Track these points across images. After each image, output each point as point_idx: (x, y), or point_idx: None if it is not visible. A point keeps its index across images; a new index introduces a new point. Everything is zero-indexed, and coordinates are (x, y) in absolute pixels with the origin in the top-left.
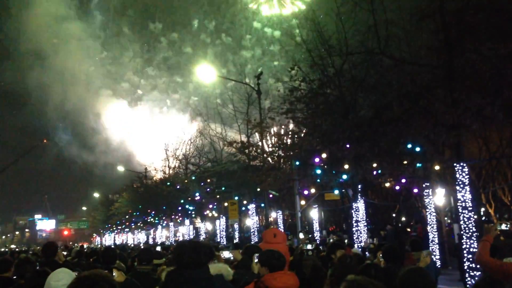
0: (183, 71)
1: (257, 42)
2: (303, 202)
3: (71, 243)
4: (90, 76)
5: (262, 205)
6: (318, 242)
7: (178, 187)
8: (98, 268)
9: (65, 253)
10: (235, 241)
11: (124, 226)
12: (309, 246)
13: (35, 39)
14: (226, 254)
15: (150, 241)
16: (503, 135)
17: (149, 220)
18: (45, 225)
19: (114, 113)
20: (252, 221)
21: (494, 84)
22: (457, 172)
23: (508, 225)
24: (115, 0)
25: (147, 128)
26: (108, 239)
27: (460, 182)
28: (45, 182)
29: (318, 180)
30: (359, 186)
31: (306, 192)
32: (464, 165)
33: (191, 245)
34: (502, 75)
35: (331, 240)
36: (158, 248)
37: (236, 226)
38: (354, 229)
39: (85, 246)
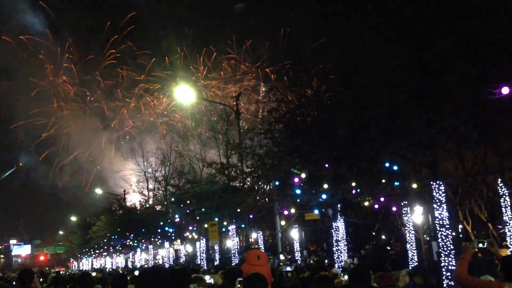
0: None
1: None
2: (283, 222)
3: (47, 268)
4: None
5: (243, 225)
6: (299, 263)
7: (157, 209)
8: None
9: (41, 279)
10: (215, 263)
11: (102, 250)
12: (288, 268)
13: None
14: (206, 278)
15: (129, 265)
16: (478, 153)
17: (128, 243)
18: (21, 250)
19: (85, 133)
20: (232, 242)
21: (467, 105)
22: (434, 190)
23: (486, 243)
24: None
25: (123, 148)
26: (86, 264)
27: (437, 200)
28: (20, 206)
29: (298, 200)
30: (339, 206)
31: (286, 212)
32: (441, 183)
33: (151, 272)
34: (474, 96)
35: (311, 261)
36: (136, 273)
37: (216, 247)
38: (334, 248)
39: (61, 271)
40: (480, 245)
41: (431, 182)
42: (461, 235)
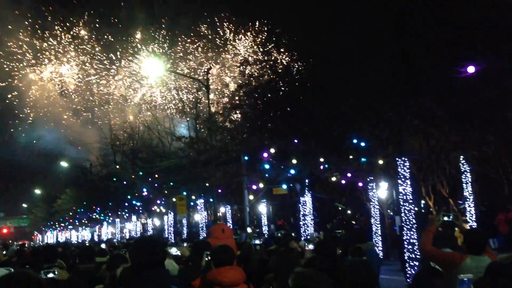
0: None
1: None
2: (251, 197)
3: (10, 241)
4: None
5: (211, 200)
6: (266, 237)
7: (125, 182)
8: (38, 267)
9: (4, 252)
10: (183, 237)
11: (67, 223)
12: (257, 241)
13: None
14: (173, 251)
15: (96, 238)
16: (442, 131)
17: (94, 217)
18: None
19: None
20: (200, 216)
21: (435, 84)
22: (399, 166)
23: (451, 216)
24: None
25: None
26: (51, 237)
27: (401, 176)
28: None
29: (267, 175)
30: (307, 181)
31: (254, 187)
32: (406, 159)
33: (149, 242)
34: (441, 75)
35: (279, 235)
36: (103, 246)
37: (184, 221)
38: (301, 222)
39: (26, 244)
40: (446, 218)
41: (397, 159)
42: (423, 210)
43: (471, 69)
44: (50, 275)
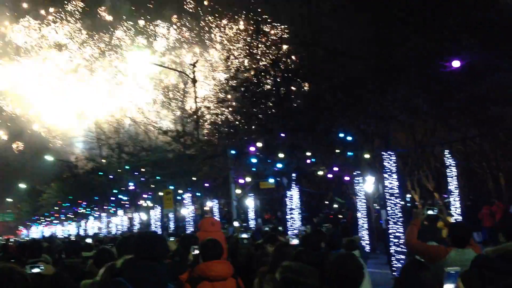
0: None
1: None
2: (238, 191)
3: None
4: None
5: (198, 194)
6: (253, 231)
7: (111, 176)
8: (24, 262)
9: None
10: (170, 231)
11: (53, 218)
12: (244, 235)
13: None
14: None
15: (82, 233)
16: (428, 125)
17: (80, 211)
18: None
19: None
20: (187, 211)
21: (420, 78)
22: (385, 160)
23: (435, 210)
24: None
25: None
26: (36, 232)
27: (388, 170)
28: None
29: (254, 169)
30: (294, 175)
31: (241, 181)
32: (392, 153)
33: (154, 238)
34: (427, 69)
35: (266, 229)
36: (89, 240)
37: (171, 215)
38: (288, 216)
39: (11, 239)
40: (430, 211)
41: (383, 153)
42: (408, 204)
43: (456, 64)
44: (36, 269)
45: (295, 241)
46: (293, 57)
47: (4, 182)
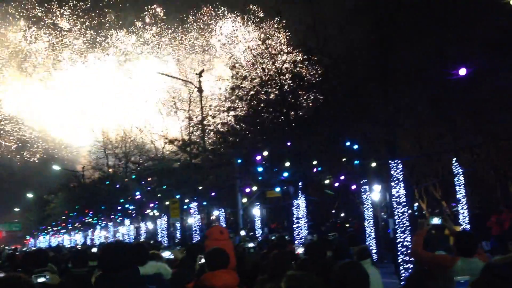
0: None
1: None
2: (245, 200)
3: (2, 246)
4: None
5: (204, 203)
6: (260, 240)
7: (117, 186)
8: (29, 271)
9: None
10: (176, 240)
11: (60, 227)
12: (251, 244)
13: None
14: (166, 254)
15: (88, 242)
16: (434, 132)
17: (86, 221)
18: None
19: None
20: (194, 220)
21: (422, 80)
22: (392, 169)
23: (440, 219)
24: None
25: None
26: (43, 241)
27: (394, 179)
28: None
29: (260, 178)
30: (300, 183)
31: (247, 190)
32: (399, 162)
33: (114, 247)
34: (428, 71)
35: (273, 238)
36: (95, 250)
37: (177, 225)
38: (295, 225)
39: (18, 249)
40: (435, 220)
41: (389, 161)
42: (416, 213)
43: (462, 72)
44: (41, 279)
45: (301, 250)
46: (299, 65)
47: (11, 192)
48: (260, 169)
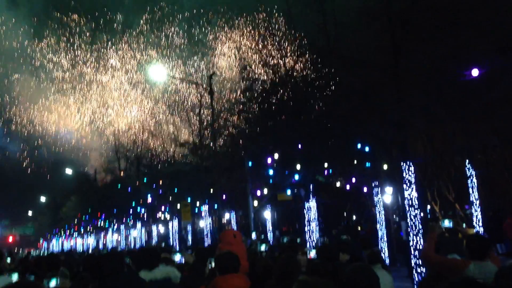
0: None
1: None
2: (256, 203)
3: (16, 249)
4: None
5: (216, 206)
6: (271, 243)
7: (129, 189)
8: (41, 275)
9: (9, 260)
10: (188, 244)
11: (72, 230)
12: (262, 247)
13: None
14: (178, 258)
15: (101, 246)
16: (446, 133)
17: (99, 224)
18: None
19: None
20: (205, 223)
21: (436, 82)
22: (404, 171)
23: (452, 222)
24: None
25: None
26: (56, 245)
27: (406, 181)
28: None
29: (271, 181)
30: (311, 186)
31: (259, 193)
32: (410, 163)
33: (104, 258)
34: (442, 73)
35: (285, 241)
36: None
37: (189, 228)
38: (306, 228)
39: (31, 252)
40: (447, 223)
41: (401, 163)
42: (429, 215)
43: (475, 72)
44: (53, 283)
45: (313, 253)
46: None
47: (24, 195)
48: (271, 172)
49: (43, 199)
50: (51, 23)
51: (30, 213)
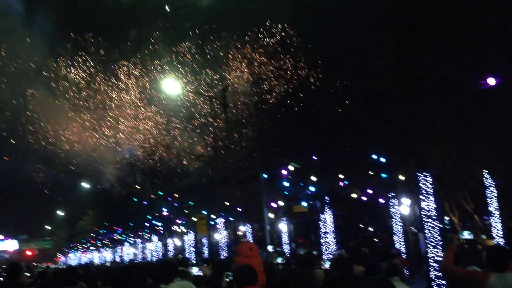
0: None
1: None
2: (271, 215)
3: (34, 263)
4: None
5: (231, 218)
6: (287, 255)
7: (145, 202)
8: None
9: (28, 274)
10: (204, 256)
11: (90, 244)
12: (279, 260)
13: None
14: (195, 270)
15: (118, 259)
16: (463, 144)
17: (115, 238)
18: (8, 245)
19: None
20: (221, 235)
21: (452, 95)
22: (421, 182)
23: (471, 234)
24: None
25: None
26: (74, 259)
27: (424, 192)
28: (5, 200)
29: (286, 193)
30: (327, 198)
31: (274, 205)
32: (428, 174)
33: (124, 269)
34: (460, 86)
35: (301, 253)
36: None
37: (204, 241)
38: (322, 240)
39: (50, 266)
40: (466, 234)
41: (418, 174)
42: (447, 227)
43: (491, 81)
44: None
45: (327, 265)
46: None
47: (41, 210)
48: (286, 183)
49: (60, 213)
50: (66, 42)
51: (47, 227)
